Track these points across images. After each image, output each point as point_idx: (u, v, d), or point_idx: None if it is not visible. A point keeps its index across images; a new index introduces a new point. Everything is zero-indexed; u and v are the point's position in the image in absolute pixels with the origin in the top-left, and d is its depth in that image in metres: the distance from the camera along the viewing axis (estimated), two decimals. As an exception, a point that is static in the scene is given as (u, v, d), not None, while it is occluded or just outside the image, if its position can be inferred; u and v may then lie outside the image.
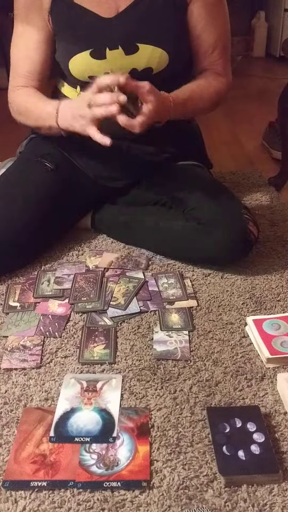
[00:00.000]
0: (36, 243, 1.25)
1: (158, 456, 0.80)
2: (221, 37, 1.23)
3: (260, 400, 0.90)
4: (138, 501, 0.73)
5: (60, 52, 1.21)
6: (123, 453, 0.79)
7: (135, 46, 1.14)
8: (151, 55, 1.15)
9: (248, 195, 1.64)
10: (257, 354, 1.00)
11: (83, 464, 0.78)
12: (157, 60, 1.16)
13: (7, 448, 0.81)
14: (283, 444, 0.82)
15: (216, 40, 1.22)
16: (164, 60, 1.16)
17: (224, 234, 1.17)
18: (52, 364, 0.98)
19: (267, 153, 2.02)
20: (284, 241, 1.38)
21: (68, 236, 1.37)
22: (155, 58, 1.15)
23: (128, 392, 0.91)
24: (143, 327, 1.07)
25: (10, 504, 0.73)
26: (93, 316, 1.09)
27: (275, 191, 1.68)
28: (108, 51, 1.14)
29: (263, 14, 3.61)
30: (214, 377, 0.95)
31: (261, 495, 0.74)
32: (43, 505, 0.73)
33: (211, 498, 0.74)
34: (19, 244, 1.19)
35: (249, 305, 1.13)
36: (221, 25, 1.23)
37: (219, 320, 1.09)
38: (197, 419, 0.86)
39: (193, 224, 1.21)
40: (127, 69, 1.16)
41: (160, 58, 1.16)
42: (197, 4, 1.17)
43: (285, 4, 3.39)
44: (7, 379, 0.94)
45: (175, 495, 0.74)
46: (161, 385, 0.93)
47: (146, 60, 1.16)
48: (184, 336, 1.04)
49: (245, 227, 1.18)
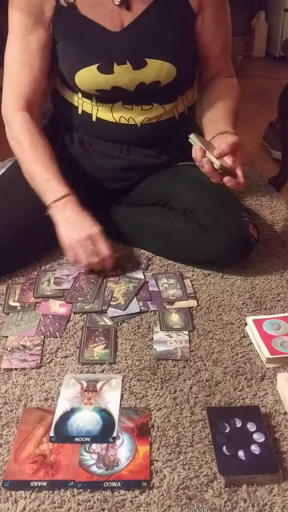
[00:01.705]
0: (36, 243, 1.25)
1: (158, 456, 0.80)
2: (227, 42, 1.25)
3: (260, 400, 0.90)
4: (138, 501, 0.73)
5: (65, 64, 1.18)
6: (123, 453, 0.79)
7: (143, 61, 1.13)
8: (160, 69, 1.14)
9: (248, 195, 1.64)
10: (257, 354, 1.00)
11: (83, 464, 0.78)
12: (165, 73, 1.15)
13: (7, 448, 0.81)
14: (283, 444, 0.82)
15: (224, 44, 1.24)
16: (172, 73, 1.16)
17: (224, 236, 1.17)
18: (52, 364, 0.98)
19: (267, 153, 2.01)
20: (284, 241, 1.38)
21: (68, 236, 1.37)
22: (163, 72, 1.15)
23: (128, 392, 0.91)
24: (143, 327, 1.07)
25: (10, 504, 0.73)
26: (93, 316, 1.09)
27: (275, 191, 1.68)
28: (116, 66, 1.13)
29: (263, 14, 3.60)
30: (214, 377, 0.95)
31: (261, 495, 0.74)
32: (43, 505, 0.73)
33: (211, 498, 0.74)
34: (19, 244, 1.19)
35: (249, 305, 1.13)
36: (226, 30, 1.24)
37: (219, 320, 1.09)
38: (197, 419, 0.86)
39: (193, 226, 1.21)
40: (134, 83, 1.15)
41: (168, 71, 1.15)
42: (207, 14, 1.17)
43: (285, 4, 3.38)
44: (7, 379, 0.94)
45: (175, 495, 0.74)
46: (161, 385, 0.93)
47: (154, 74, 1.15)
48: (184, 336, 1.04)
49: (245, 230, 1.18)
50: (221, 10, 1.19)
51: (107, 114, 1.23)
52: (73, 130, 1.30)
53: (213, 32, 1.20)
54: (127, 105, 1.21)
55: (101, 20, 1.12)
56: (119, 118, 1.23)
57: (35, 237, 1.23)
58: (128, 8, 1.11)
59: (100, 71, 1.13)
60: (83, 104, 1.25)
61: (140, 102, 1.21)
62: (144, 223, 1.30)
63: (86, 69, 1.14)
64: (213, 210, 1.20)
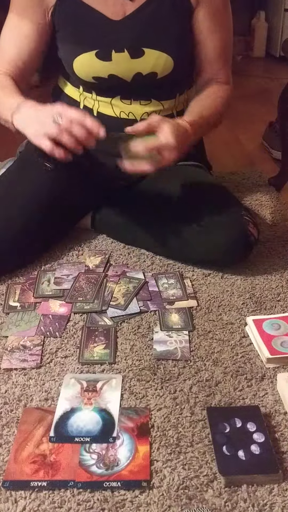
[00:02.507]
0: (36, 243, 1.25)
1: (158, 456, 0.80)
2: (224, 46, 1.23)
3: (260, 400, 0.90)
4: (138, 501, 0.73)
5: (64, 50, 1.20)
6: (123, 453, 0.79)
7: (141, 51, 1.14)
8: (157, 60, 1.15)
9: (248, 195, 1.64)
10: (257, 354, 1.00)
11: (83, 464, 0.78)
12: (162, 65, 1.16)
13: (7, 448, 0.81)
14: (283, 444, 0.82)
15: (219, 47, 1.22)
16: (169, 65, 1.16)
17: (224, 236, 1.17)
18: (52, 364, 0.98)
19: (267, 153, 2.02)
20: (284, 241, 1.38)
21: (68, 236, 1.37)
22: (160, 63, 1.16)
23: (128, 392, 0.91)
24: (143, 327, 1.07)
25: (10, 504, 0.73)
26: (93, 316, 1.09)
27: (275, 191, 1.68)
28: (114, 53, 1.14)
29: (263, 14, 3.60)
30: (214, 377, 0.95)
31: (261, 495, 0.74)
32: (43, 505, 0.73)
33: (211, 498, 0.74)
34: (19, 244, 1.19)
35: (249, 305, 1.13)
36: (225, 34, 1.22)
37: (219, 320, 1.09)
38: (197, 419, 0.86)
39: (193, 226, 1.21)
40: (131, 72, 1.16)
41: (165, 63, 1.16)
42: (202, 11, 1.17)
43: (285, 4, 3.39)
44: (7, 379, 0.94)
45: (175, 495, 0.74)
46: (161, 385, 0.93)
47: (151, 65, 1.16)
48: (184, 336, 1.04)
49: (245, 229, 1.18)
50: (218, 11, 1.19)
51: (107, 109, 1.24)
52: None
53: (205, 33, 1.20)
54: (126, 100, 1.22)
55: (104, 9, 1.14)
56: (119, 112, 1.24)
57: (35, 237, 1.23)
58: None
59: (98, 57, 1.15)
60: (84, 100, 1.26)
61: (139, 97, 1.22)
62: (144, 222, 1.30)
63: (85, 55, 1.15)
64: (213, 209, 1.20)
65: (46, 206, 1.23)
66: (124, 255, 1.31)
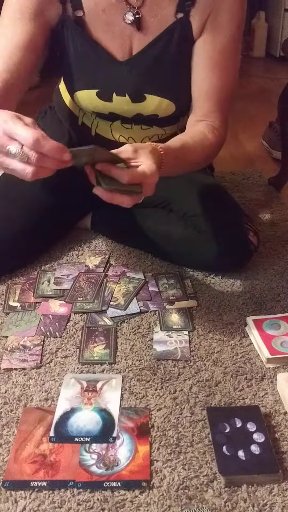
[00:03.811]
0: (36, 243, 1.25)
1: (158, 456, 0.80)
2: (220, 88, 1.09)
3: (260, 400, 0.90)
4: (138, 501, 0.73)
5: (65, 76, 1.17)
6: (123, 453, 0.79)
7: (142, 96, 1.11)
8: (158, 105, 1.13)
9: (248, 195, 1.64)
10: (257, 354, 1.00)
11: (83, 464, 0.78)
12: (163, 109, 1.14)
13: (7, 448, 0.81)
14: (283, 444, 0.82)
15: (212, 88, 1.08)
16: (171, 109, 1.14)
17: (224, 244, 1.16)
18: (52, 364, 0.98)
19: (267, 153, 2.02)
20: (284, 241, 1.38)
21: (68, 236, 1.37)
22: (162, 107, 1.13)
23: (128, 392, 0.91)
24: (143, 327, 1.07)
25: (10, 504, 0.73)
26: (93, 316, 1.09)
27: (275, 191, 1.68)
28: (115, 96, 1.12)
29: (263, 14, 3.61)
30: (214, 377, 0.95)
31: (261, 495, 0.74)
32: (43, 505, 0.73)
33: (211, 498, 0.74)
34: (19, 244, 1.19)
35: (249, 305, 1.13)
36: (224, 77, 1.08)
37: (219, 320, 1.09)
38: (197, 419, 0.86)
39: (193, 232, 1.20)
40: (132, 113, 1.15)
41: (166, 108, 1.13)
42: (202, 44, 1.07)
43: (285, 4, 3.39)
44: (7, 379, 0.94)
45: (175, 495, 0.74)
46: (161, 385, 0.93)
47: (152, 109, 1.13)
48: (184, 336, 1.04)
49: (245, 237, 1.17)
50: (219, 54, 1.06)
51: (106, 132, 1.22)
52: (72, 135, 1.30)
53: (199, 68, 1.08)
54: (127, 124, 1.20)
55: (109, 43, 1.07)
56: (118, 136, 1.22)
57: (35, 237, 1.23)
58: (139, 28, 1.05)
59: (99, 96, 1.12)
60: (83, 117, 1.24)
61: (140, 123, 1.20)
62: (144, 226, 1.29)
63: (85, 91, 1.12)
64: (213, 216, 1.19)
65: (46, 206, 1.24)
66: (124, 255, 1.31)
